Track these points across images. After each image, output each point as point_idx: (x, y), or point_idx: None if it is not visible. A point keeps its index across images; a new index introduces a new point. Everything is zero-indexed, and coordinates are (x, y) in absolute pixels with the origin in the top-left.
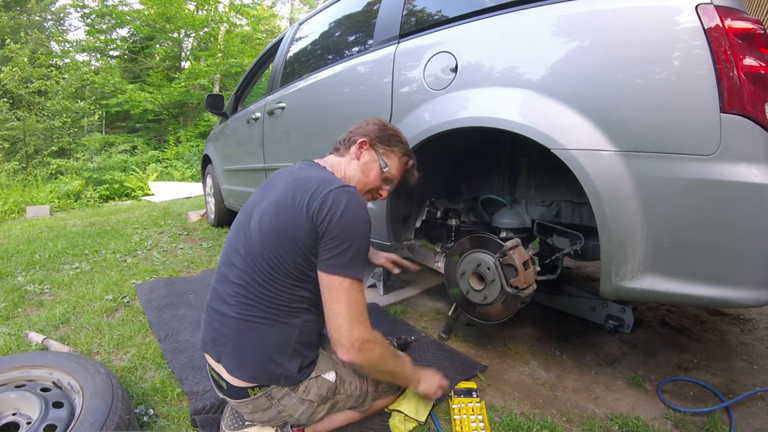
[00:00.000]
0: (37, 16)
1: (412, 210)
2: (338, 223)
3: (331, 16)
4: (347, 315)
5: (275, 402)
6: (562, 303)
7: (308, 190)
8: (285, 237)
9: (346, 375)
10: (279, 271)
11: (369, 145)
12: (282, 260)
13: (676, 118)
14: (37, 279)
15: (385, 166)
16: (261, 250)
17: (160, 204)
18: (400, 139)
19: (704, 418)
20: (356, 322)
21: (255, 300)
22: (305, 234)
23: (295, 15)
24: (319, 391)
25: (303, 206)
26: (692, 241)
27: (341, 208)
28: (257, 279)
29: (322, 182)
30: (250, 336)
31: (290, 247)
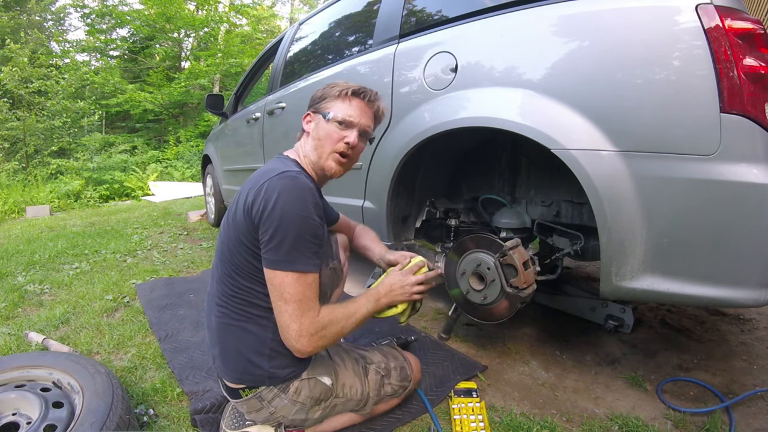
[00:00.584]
0: (37, 16)
1: (412, 210)
2: (270, 214)
3: (331, 16)
4: (292, 312)
5: (266, 404)
6: (562, 303)
7: (249, 185)
8: (233, 236)
9: (347, 378)
10: (236, 271)
11: (311, 113)
12: (235, 259)
13: (676, 118)
14: (37, 279)
15: (328, 113)
16: (221, 250)
17: (160, 204)
18: (332, 84)
19: (704, 418)
20: (303, 318)
21: (227, 302)
22: (246, 229)
23: (295, 15)
24: (311, 393)
25: (243, 202)
26: (692, 241)
27: (272, 199)
28: (225, 280)
29: (264, 173)
30: (228, 339)
31: (238, 245)
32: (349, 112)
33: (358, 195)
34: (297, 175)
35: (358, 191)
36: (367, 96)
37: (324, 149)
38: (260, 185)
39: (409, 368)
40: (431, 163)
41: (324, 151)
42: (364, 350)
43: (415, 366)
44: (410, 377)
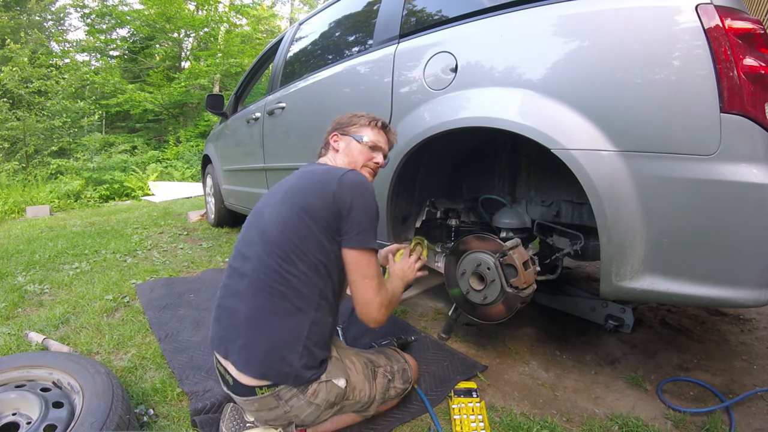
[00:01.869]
0: (37, 16)
1: (412, 210)
2: (358, 202)
3: (331, 16)
4: (375, 286)
5: (282, 402)
6: (562, 303)
7: (321, 176)
8: (306, 217)
9: (358, 382)
10: (297, 255)
11: (339, 134)
12: (301, 241)
13: (676, 118)
14: (37, 279)
15: (360, 138)
16: (279, 236)
17: (160, 204)
18: (358, 114)
19: (704, 418)
20: (381, 291)
21: (268, 289)
22: (326, 211)
23: (295, 15)
24: (327, 396)
25: (321, 186)
26: (692, 241)
27: (360, 189)
28: (273, 266)
29: (331, 169)
30: (260, 331)
31: (312, 225)
32: (378, 139)
33: None
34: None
35: None
36: (389, 131)
37: (357, 165)
38: (341, 176)
39: (410, 370)
40: (431, 163)
41: (356, 166)
42: (369, 354)
43: (413, 367)
44: (411, 379)
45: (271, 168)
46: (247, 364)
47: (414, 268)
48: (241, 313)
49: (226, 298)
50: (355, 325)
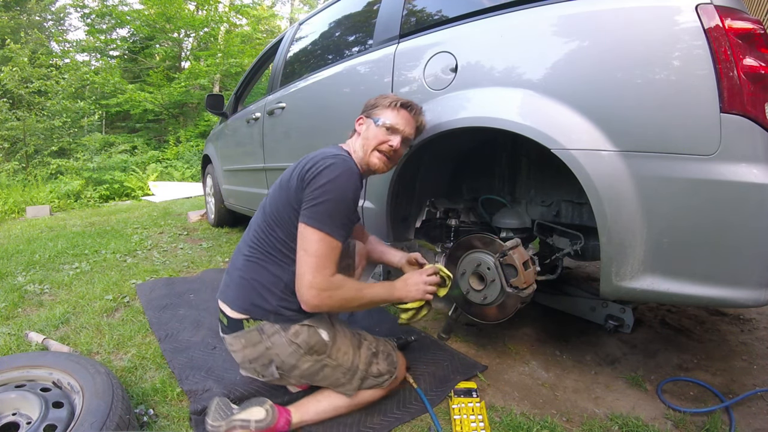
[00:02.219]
0: (37, 16)
1: (412, 210)
2: (320, 180)
3: (331, 16)
4: (311, 264)
5: (265, 337)
6: (562, 303)
7: (309, 158)
8: (283, 196)
9: (343, 344)
10: (278, 224)
11: (364, 117)
12: (280, 215)
13: (676, 118)
14: (37, 279)
15: (378, 119)
16: (269, 207)
17: (160, 204)
18: (384, 95)
19: (704, 418)
20: (317, 272)
21: (259, 245)
22: (295, 190)
23: (295, 15)
24: (308, 339)
25: (300, 168)
26: (692, 241)
27: (327, 169)
28: (264, 230)
29: (322, 152)
30: (249, 273)
31: (285, 204)
32: (397, 121)
33: None
34: (350, 159)
35: None
36: (414, 110)
37: (369, 146)
38: (320, 158)
39: (395, 356)
40: (431, 163)
41: (369, 148)
42: (359, 330)
43: (401, 362)
44: (396, 365)
45: (271, 168)
46: (235, 299)
47: (425, 288)
48: (240, 261)
49: (235, 255)
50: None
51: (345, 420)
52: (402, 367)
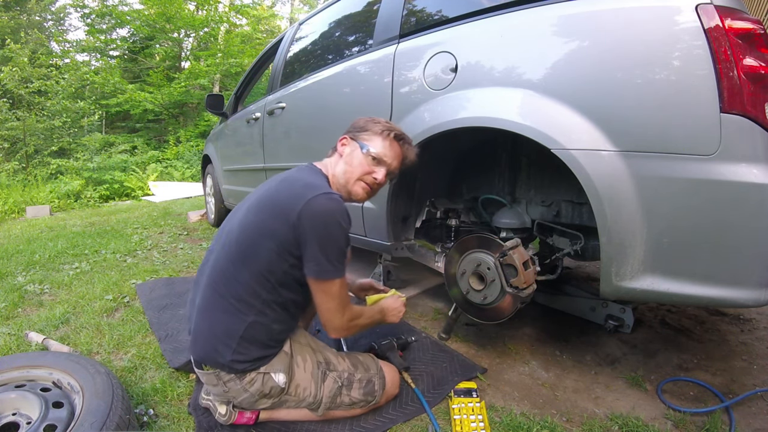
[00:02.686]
0: (37, 16)
1: (412, 210)
2: (320, 232)
3: (331, 16)
4: (337, 309)
5: (221, 383)
6: (562, 303)
7: (292, 193)
8: (259, 239)
9: (302, 380)
10: (245, 263)
11: (349, 138)
12: (255, 254)
13: (676, 118)
14: (37, 279)
15: (365, 147)
16: (237, 239)
17: (160, 204)
18: (376, 120)
19: (704, 418)
20: (343, 312)
21: (217, 287)
22: (284, 236)
23: (295, 15)
24: (262, 387)
25: (285, 208)
26: (692, 241)
27: (321, 220)
28: (227, 268)
29: (307, 187)
30: (203, 321)
31: (266, 244)
32: (386, 153)
33: None
34: (337, 197)
35: None
36: (406, 143)
37: (352, 176)
38: (307, 201)
39: (378, 383)
40: (431, 163)
41: (352, 178)
42: (332, 355)
43: (390, 381)
44: (376, 392)
45: (271, 168)
46: (194, 345)
47: (399, 313)
48: (196, 301)
49: (195, 283)
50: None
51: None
52: (393, 385)
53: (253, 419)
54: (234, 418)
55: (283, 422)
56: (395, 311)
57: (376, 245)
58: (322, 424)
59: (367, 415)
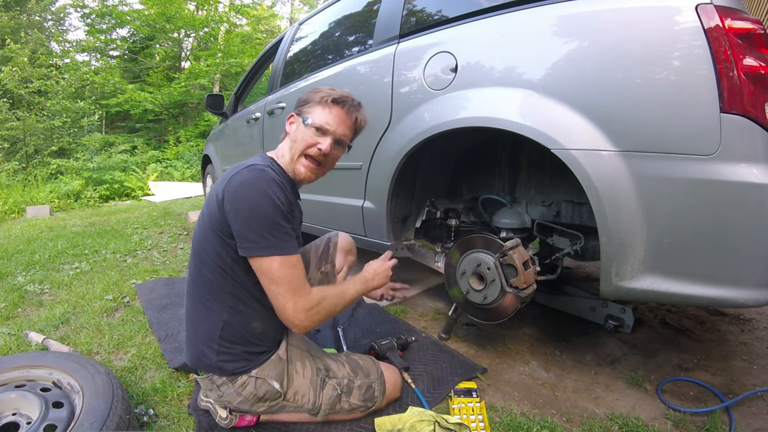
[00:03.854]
0: (37, 16)
1: (412, 210)
2: (240, 205)
3: (331, 16)
4: (285, 293)
5: (215, 387)
6: (562, 303)
7: (221, 179)
8: (206, 228)
9: (301, 387)
10: (202, 261)
11: (295, 115)
12: (204, 250)
13: (676, 118)
14: (37, 279)
15: (307, 118)
16: (195, 238)
17: (160, 204)
18: (317, 89)
19: (704, 418)
20: (296, 297)
21: (191, 289)
22: (218, 221)
23: (295, 15)
24: (255, 390)
25: (216, 194)
26: (692, 241)
27: (241, 191)
28: (192, 268)
29: (233, 168)
30: (189, 327)
31: (209, 236)
32: (327, 120)
33: (358, 195)
34: (264, 167)
35: (358, 191)
36: (347, 105)
37: (296, 151)
38: (230, 179)
39: (379, 389)
40: (431, 163)
41: (295, 153)
42: (333, 361)
43: (392, 385)
44: (376, 398)
45: None
46: (186, 352)
47: (387, 267)
48: (184, 309)
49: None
50: (355, 326)
51: None
52: (394, 388)
53: (254, 421)
54: (235, 421)
55: (283, 423)
56: (381, 272)
57: (376, 245)
58: (322, 425)
59: (367, 417)
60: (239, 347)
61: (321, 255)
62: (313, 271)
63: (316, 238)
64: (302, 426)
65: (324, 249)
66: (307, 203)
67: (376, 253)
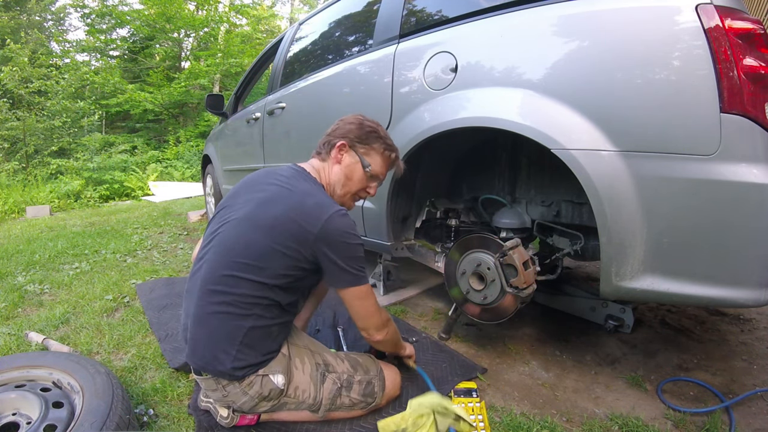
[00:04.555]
0: (37, 16)
1: (412, 210)
2: (343, 251)
3: (331, 16)
4: (376, 309)
5: (221, 387)
6: (562, 303)
7: (304, 212)
8: (275, 252)
9: (301, 382)
10: (250, 274)
11: (348, 146)
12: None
13: (676, 118)
14: (37, 279)
15: (368, 166)
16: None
17: (160, 204)
18: (379, 134)
19: (704, 418)
20: (380, 310)
21: (212, 293)
22: (300, 254)
23: (295, 15)
24: (261, 389)
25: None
26: (692, 241)
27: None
28: (221, 273)
29: (318, 207)
30: (201, 330)
31: (278, 262)
32: (384, 171)
33: None
34: (346, 212)
35: None
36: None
37: (350, 189)
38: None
39: (379, 385)
40: (431, 162)
41: (349, 191)
42: (331, 357)
43: (391, 383)
44: (376, 394)
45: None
46: (192, 354)
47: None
48: (191, 310)
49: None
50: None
51: None
52: (393, 386)
53: (254, 420)
54: (236, 421)
55: (283, 422)
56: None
57: (376, 245)
58: (322, 424)
59: (367, 415)
60: (255, 355)
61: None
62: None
63: None
64: (302, 425)
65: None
66: None
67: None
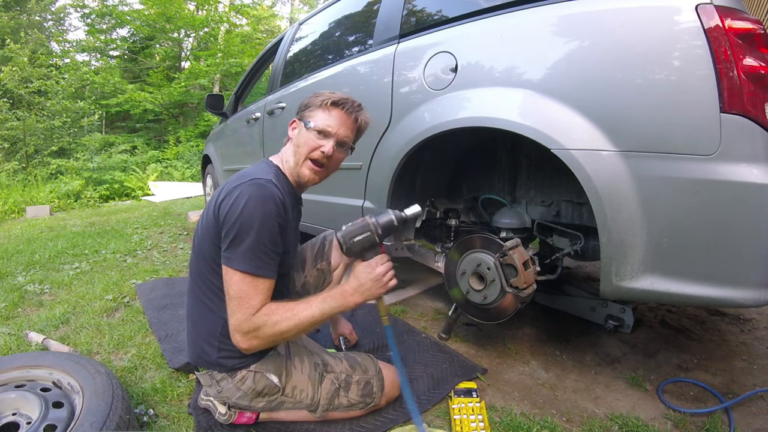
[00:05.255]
0: (37, 16)
1: None
2: (233, 217)
3: (331, 16)
4: (232, 307)
5: (215, 382)
6: (562, 303)
7: (225, 186)
8: (204, 230)
9: (299, 382)
10: (201, 262)
11: (296, 120)
12: (202, 251)
13: (676, 118)
14: (37, 279)
15: (309, 122)
16: (196, 242)
17: (160, 204)
18: (318, 93)
19: (704, 418)
20: (238, 314)
21: (192, 287)
22: (213, 226)
23: (295, 15)
24: (254, 385)
25: (215, 200)
26: (692, 241)
27: (239, 203)
28: (193, 269)
29: (239, 177)
30: (189, 324)
31: (205, 239)
32: (328, 122)
33: (358, 195)
34: (266, 183)
35: (358, 191)
36: (347, 106)
37: (300, 155)
38: (232, 188)
39: (377, 385)
40: (431, 163)
41: (300, 157)
42: (330, 357)
43: (390, 383)
44: (375, 394)
45: None
46: (188, 348)
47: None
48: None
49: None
50: (355, 326)
51: None
52: (392, 387)
53: (253, 419)
54: (234, 418)
55: (282, 422)
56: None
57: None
58: (321, 424)
59: (367, 416)
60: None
61: (317, 252)
62: (309, 268)
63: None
64: (302, 425)
65: (320, 247)
66: (307, 203)
67: None
